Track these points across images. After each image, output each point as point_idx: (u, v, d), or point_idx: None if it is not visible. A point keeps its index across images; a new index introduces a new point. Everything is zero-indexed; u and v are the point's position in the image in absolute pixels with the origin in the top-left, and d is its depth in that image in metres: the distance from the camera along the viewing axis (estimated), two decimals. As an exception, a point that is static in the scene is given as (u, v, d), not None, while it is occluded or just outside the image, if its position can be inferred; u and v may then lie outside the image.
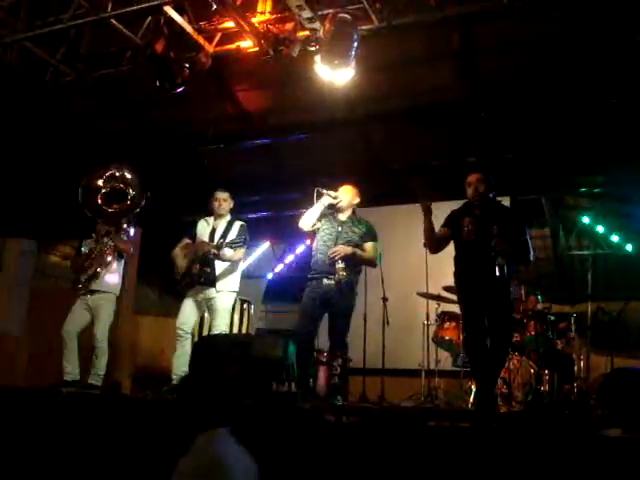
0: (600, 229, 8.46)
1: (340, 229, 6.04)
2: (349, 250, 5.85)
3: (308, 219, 6.10)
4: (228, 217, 6.56)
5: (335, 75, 5.46)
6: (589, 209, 8.41)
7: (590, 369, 7.19)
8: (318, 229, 6.14)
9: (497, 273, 5.04)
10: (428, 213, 5.36)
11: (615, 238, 8.37)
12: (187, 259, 6.36)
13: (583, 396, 6.57)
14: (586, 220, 8.45)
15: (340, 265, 5.75)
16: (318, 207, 6.08)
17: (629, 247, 8.22)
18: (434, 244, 5.54)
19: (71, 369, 6.38)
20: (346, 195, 6.17)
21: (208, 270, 6.29)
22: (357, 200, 6.24)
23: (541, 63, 7.22)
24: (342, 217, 6.14)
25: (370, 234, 6.11)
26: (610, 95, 7.20)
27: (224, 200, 6.53)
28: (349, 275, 5.85)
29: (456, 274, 5.44)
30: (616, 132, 7.47)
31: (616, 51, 6.74)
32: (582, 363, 7.07)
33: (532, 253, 5.44)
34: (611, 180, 8.11)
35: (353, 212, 6.22)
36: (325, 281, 5.85)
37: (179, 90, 6.14)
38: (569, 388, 6.72)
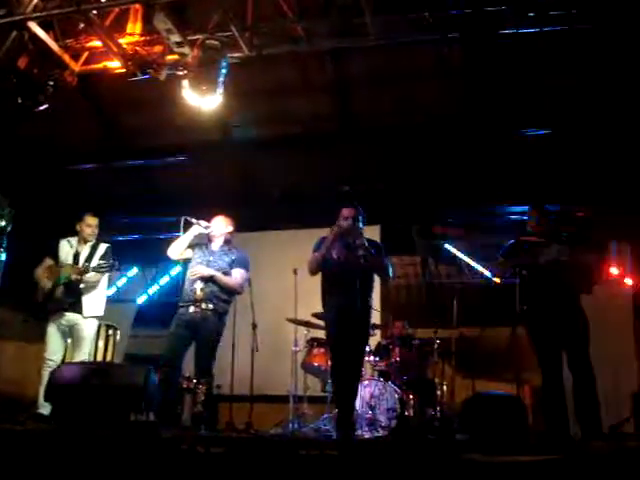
0: (464, 258, 8.79)
1: (211, 258, 6.03)
2: (206, 271, 5.86)
3: (176, 248, 6.09)
4: (93, 240, 6.37)
5: (202, 101, 5.43)
6: (455, 239, 8.73)
7: (454, 393, 7.42)
8: (189, 258, 6.09)
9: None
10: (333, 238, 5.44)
11: (478, 267, 8.71)
12: (51, 282, 6.13)
13: (446, 420, 6.77)
14: (451, 249, 8.75)
15: (198, 286, 5.77)
16: (187, 237, 6.06)
17: (491, 276, 8.56)
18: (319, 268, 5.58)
19: None
20: (218, 225, 6.15)
21: (73, 295, 6.10)
22: (229, 229, 6.23)
23: (414, 97, 7.49)
24: (214, 246, 6.12)
25: (240, 262, 6.11)
26: (476, 131, 7.57)
27: (95, 227, 6.38)
28: (215, 303, 5.84)
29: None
30: (482, 165, 7.83)
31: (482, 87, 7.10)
32: (445, 388, 7.27)
33: (391, 270, 5.70)
34: (476, 211, 8.49)
35: (227, 241, 6.20)
36: (193, 309, 5.81)
37: (42, 108, 5.91)
38: (433, 412, 6.89)
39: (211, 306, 5.82)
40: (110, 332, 7.46)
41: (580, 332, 5.08)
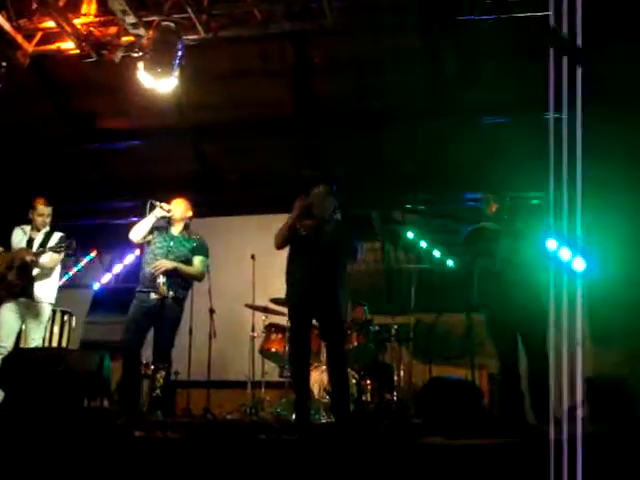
0: (423, 244, 8.85)
1: (172, 244, 5.95)
2: (170, 265, 5.77)
3: (139, 231, 5.95)
4: (47, 228, 6.27)
5: (158, 83, 5.35)
6: (414, 225, 8.78)
7: (411, 379, 7.50)
8: (149, 242, 6.01)
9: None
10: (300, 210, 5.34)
11: (437, 253, 8.77)
12: (2, 266, 6.03)
13: (403, 405, 6.84)
14: (410, 235, 8.80)
15: (161, 280, 5.66)
16: (150, 219, 5.95)
17: (450, 262, 8.66)
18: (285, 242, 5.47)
19: None
20: (178, 208, 6.07)
21: (25, 279, 5.99)
22: (189, 214, 6.15)
23: (371, 82, 7.50)
24: (174, 231, 6.04)
25: (200, 249, 6.04)
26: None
27: (48, 215, 6.27)
28: (175, 290, 5.78)
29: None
30: (443, 151, 7.89)
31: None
32: (402, 373, 7.34)
33: (359, 252, 5.60)
34: (435, 198, 8.55)
35: (186, 226, 6.13)
36: (152, 295, 5.73)
37: (-5, 88, 5.80)
38: (390, 397, 6.95)
39: (172, 294, 5.75)
40: (65, 318, 7.37)
41: (535, 318, 5.13)
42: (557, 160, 2.99)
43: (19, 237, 6.22)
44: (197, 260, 6.00)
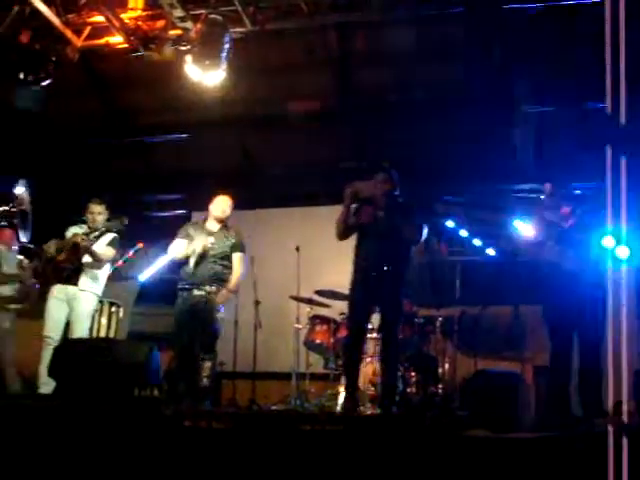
0: (466, 235, 8.73)
1: (212, 240, 6.00)
2: (226, 298, 5.92)
3: (175, 252, 6.03)
4: (102, 227, 6.32)
5: (205, 76, 5.39)
6: (456, 216, 8.68)
7: (456, 371, 7.44)
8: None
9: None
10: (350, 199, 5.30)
11: (477, 243, 8.65)
12: (53, 248, 6.16)
13: (448, 398, 6.79)
14: (452, 225, 8.70)
15: (212, 288, 5.79)
16: (190, 247, 5.96)
17: (490, 252, 8.52)
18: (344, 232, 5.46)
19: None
20: (220, 206, 6.08)
21: (74, 264, 6.09)
22: (228, 212, 6.15)
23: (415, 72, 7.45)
24: (212, 227, 6.06)
25: (238, 246, 6.08)
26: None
27: (99, 214, 6.33)
28: (219, 285, 5.88)
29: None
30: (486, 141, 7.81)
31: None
32: (447, 366, 7.29)
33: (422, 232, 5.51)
34: (478, 189, 8.46)
35: (223, 221, 6.17)
36: (196, 292, 5.82)
37: (44, 83, 5.89)
38: (434, 390, 6.91)
39: (214, 288, 5.83)
40: (113, 309, 7.45)
41: (592, 311, 5.04)
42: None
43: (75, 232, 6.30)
44: (236, 259, 6.03)
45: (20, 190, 5.93)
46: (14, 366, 6.53)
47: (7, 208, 5.92)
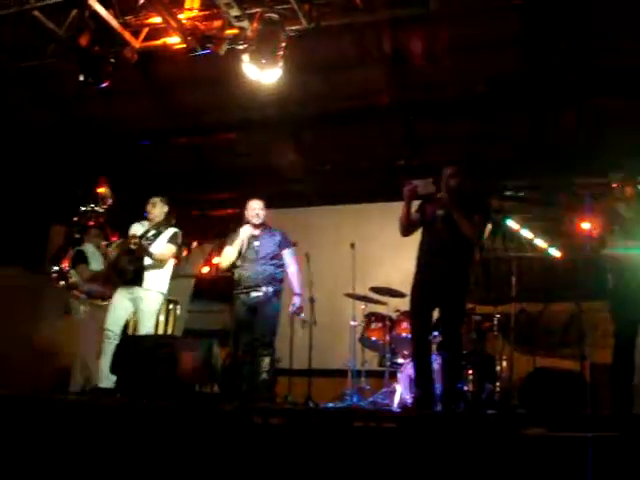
0: (524, 232, 8.61)
1: (258, 243, 6.10)
2: (299, 300, 6.19)
3: (229, 257, 6.14)
4: (164, 223, 6.45)
5: (262, 75, 5.42)
6: (514, 212, 8.56)
7: (513, 369, 7.34)
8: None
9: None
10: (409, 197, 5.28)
11: (539, 242, 8.52)
12: (116, 251, 6.31)
13: (506, 395, 6.71)
14: (511, 223, 8.58)
15: (269, 289, 5.95)
16: (238, 243, 6.11)
17: (553, 251, 8.39)
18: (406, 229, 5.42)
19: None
20: (255, 209, 6.19)
21: (136, 266, 6.19)
22: (264, 211, 6.24)
23: (470, 68, 7.35)
24: (254, 231, 6.15)
25: (285, 242, 6.22)
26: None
27: (152, 205, 6.44)
28: (275, 285, 6.04)
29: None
30: (542, 138, 7.66)
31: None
32: (504, 363, 7.19)
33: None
34: (536, 185, 8.32)
35: (264, 223, 6.24)
36: (253, 294, 5.97)
37: (103, 85, 5.99)
38: (492, 388, 6.83)
39: (271, 289, 5.93)
40: (171, 306, 7.58)
41: None
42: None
43: (136, 231, 6.38)
44: (287, 255, 6.17)
45: (103, 189, 6.06)
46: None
47: (94, 207, 6.06)
